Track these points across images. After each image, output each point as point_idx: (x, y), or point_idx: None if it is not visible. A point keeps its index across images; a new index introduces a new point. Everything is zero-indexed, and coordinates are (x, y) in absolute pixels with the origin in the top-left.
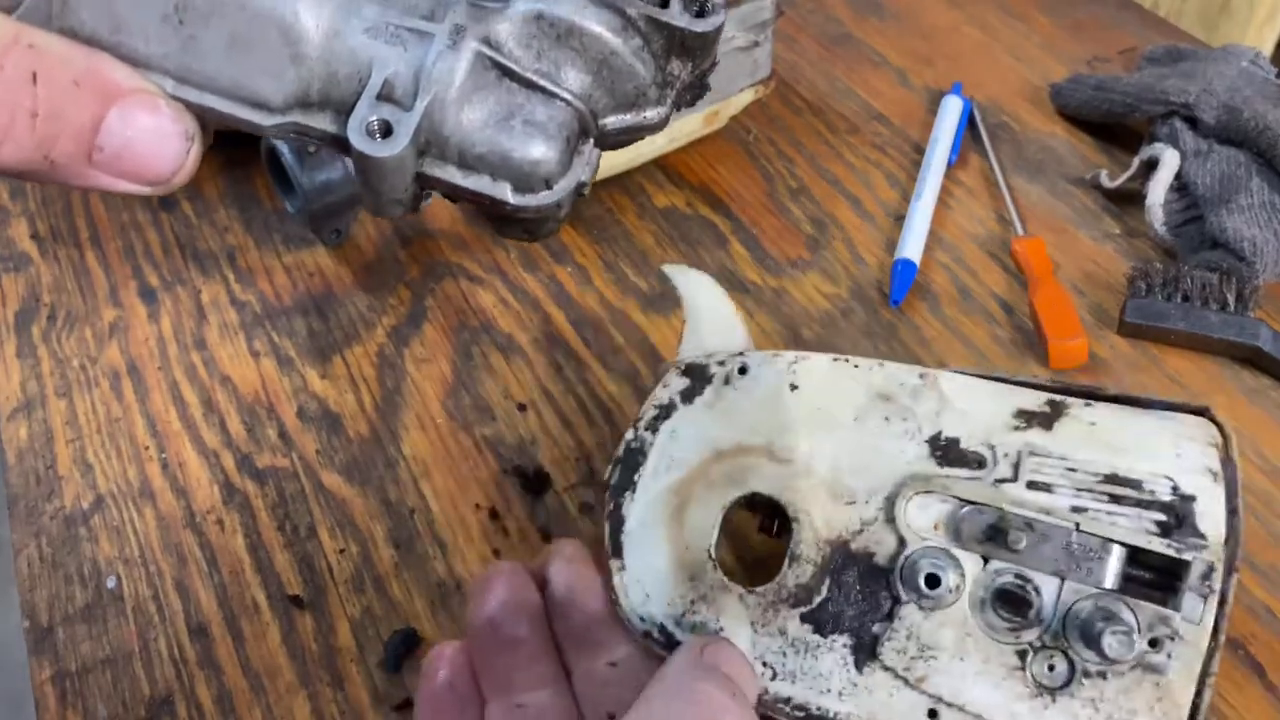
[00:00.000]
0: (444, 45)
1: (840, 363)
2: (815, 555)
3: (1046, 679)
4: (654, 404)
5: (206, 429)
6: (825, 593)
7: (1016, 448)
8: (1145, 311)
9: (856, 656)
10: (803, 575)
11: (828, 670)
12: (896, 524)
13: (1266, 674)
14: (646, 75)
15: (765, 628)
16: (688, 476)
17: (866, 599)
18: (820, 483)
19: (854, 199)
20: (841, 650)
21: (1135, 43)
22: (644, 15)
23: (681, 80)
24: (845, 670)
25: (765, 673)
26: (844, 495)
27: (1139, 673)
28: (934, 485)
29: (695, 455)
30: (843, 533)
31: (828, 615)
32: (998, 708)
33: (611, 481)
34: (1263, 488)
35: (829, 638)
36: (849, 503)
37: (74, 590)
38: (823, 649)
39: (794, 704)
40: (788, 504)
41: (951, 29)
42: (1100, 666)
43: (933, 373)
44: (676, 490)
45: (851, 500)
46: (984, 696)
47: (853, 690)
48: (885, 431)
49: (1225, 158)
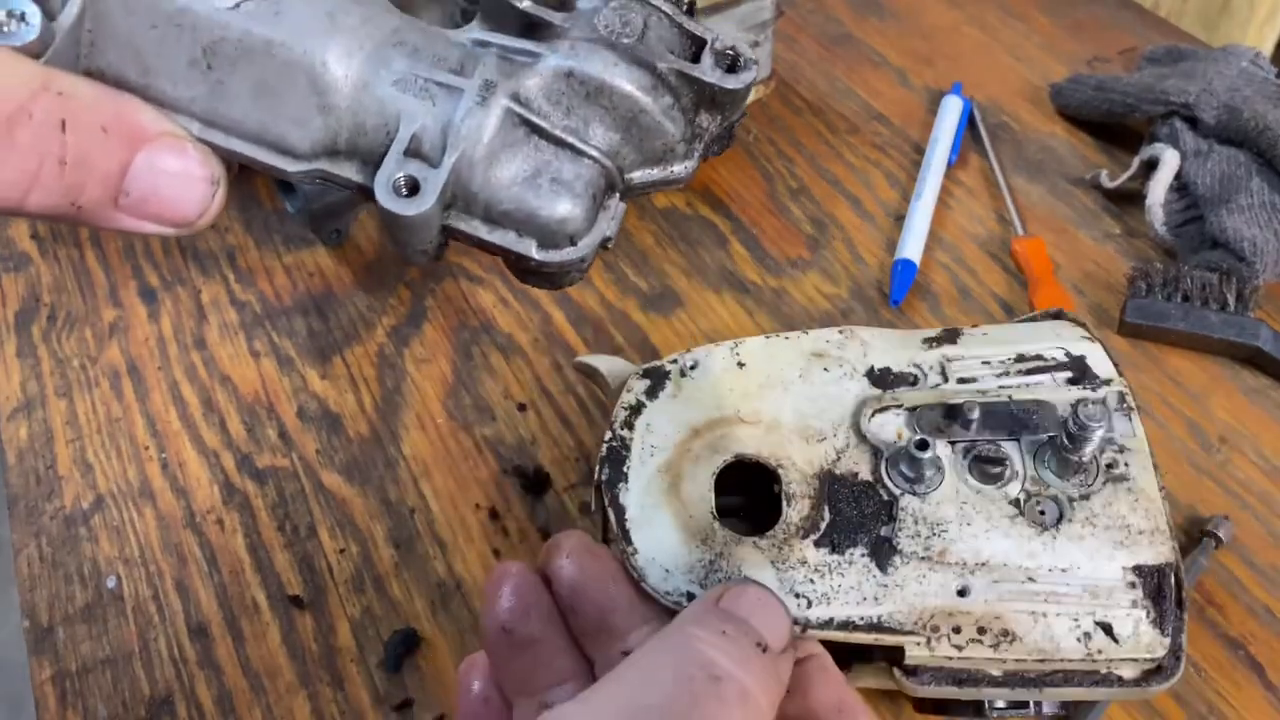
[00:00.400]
0: (473, 101)
1: (773, 338)
2: (808, 490)
3: (1042, 520)
4: (623, 406)
5: (206, 429)
6: (828, 517)
7: (937, 360)
8: (1145, 311)
9: (877, 560)
10: (803, 509)
11: (856, 582)
12: (868, 440)
13: (1266, 673)
14: (675, 132)
15: (785, 564)
16: (673, 456)
17: (866, 508)
18: (790, 431)
19: (854, 199)
20: (862, 561)
21: (1135, 43)
22: (674, 71)
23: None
24: (871, 576)
25: (801, 603)
26: (814, 435)
27: (1111, 487)
28: (885, 401)
29: (674, 437)
30: (824, 464)
31: (838, 535)
32: (1014, 551)
33: (603, 478)
34: (1263, 488)
35: (846, 553)
36: (820, 440)
37: (74, 590)
38: (844, 565)
39: (837, 623)
40: (769, 456)
41: (951, 29)
42: (1083, 491)
43: (849, 328)
44: (666, 470)
45: (822, 437)
46: (1000, 547)
47: (885, 591)
48: (828, 379)
49: (1225, 158)
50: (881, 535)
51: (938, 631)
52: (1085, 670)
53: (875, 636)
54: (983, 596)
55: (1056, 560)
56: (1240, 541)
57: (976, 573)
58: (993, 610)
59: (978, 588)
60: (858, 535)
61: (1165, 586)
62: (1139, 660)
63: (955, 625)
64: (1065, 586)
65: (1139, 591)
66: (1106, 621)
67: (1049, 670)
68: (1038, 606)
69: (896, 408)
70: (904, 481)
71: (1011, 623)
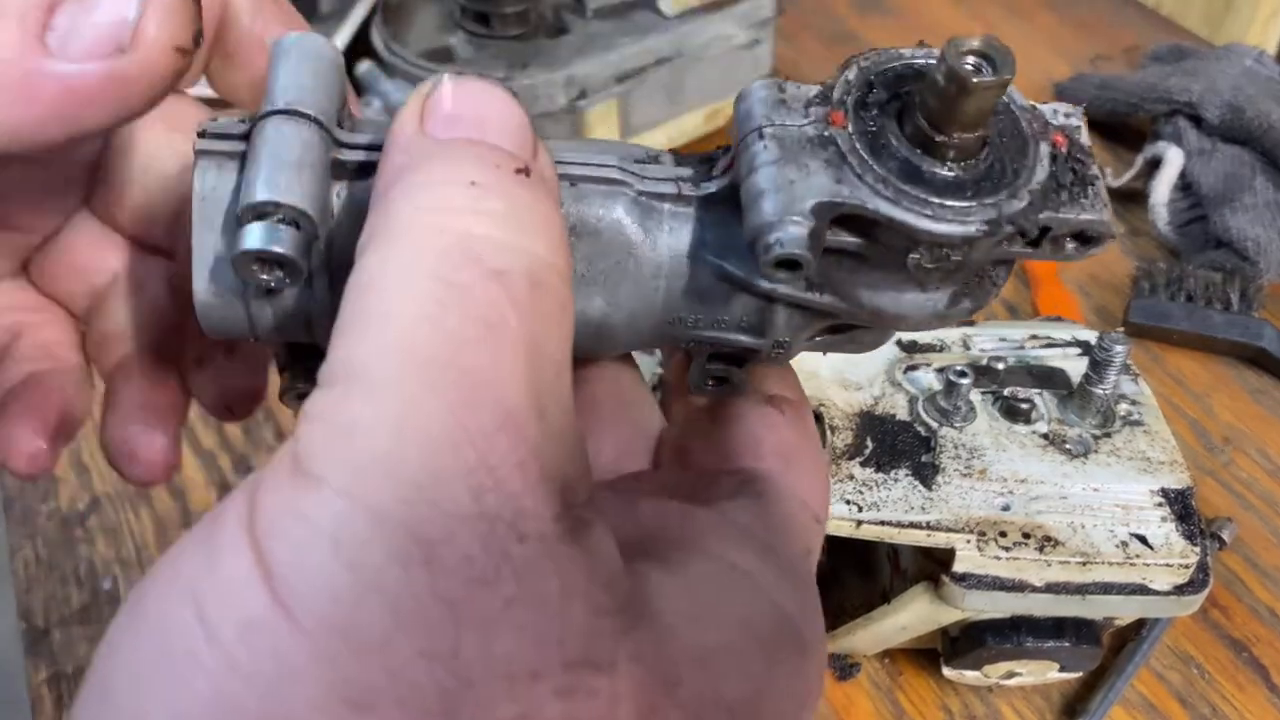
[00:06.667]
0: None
1: None
2: (849, 424)
3: (1070, 451)
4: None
5: (203, 430)
6: (871, 445)
7: (958, 335)
8: (1149, 311)
9: (921, 478)
10: (846, 438)
11: (902, 495)
12: (903, 387)
13: (1270, 675)
14: None
15: (835, 477)
16: None
17: (906, 442)
18: (828, 380)
19: None
20: (907, 479)
21: (1139, 41)
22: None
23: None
24: (917, 491)
25: (851, 508)
26: (851, 385)
27: (1128, 429)
28: (916, 360)
29: None
30: (862, 406)
31: (882, 457)
32: (1050, 473)
33: None
34: (1266, 488)
35: (891, 472)
36: (858, 388)
37: (70, 592)
38: (889, 482)
39: (887, 525)
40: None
41: (953, 27)
42: (1105, 431)
43: None
44: None
45: (859, 386)
46: (1035, 469)
47: (931, 503)
48: None
49: (1229, 157)
50: (923, 461)
51: (984, 537)
52: (1123, 581)
53: (928, 534)
54: (1023, 510)
55: (1089, 481)
56: (1244, 543)
57: (1016, 491)
58: (1034, 521)
59: (1018, 503)
60: (900, 460)
61: (1190, 506)
62: (1173, 567)
63: (1001, 531)
64: (1099, 501)
65: (1167, 509)
66: (1140, 533)
67: (1089, 580)
68: (1076, 518)
69: (926, 366)
70: (940, 416)
71: (1053, 531)
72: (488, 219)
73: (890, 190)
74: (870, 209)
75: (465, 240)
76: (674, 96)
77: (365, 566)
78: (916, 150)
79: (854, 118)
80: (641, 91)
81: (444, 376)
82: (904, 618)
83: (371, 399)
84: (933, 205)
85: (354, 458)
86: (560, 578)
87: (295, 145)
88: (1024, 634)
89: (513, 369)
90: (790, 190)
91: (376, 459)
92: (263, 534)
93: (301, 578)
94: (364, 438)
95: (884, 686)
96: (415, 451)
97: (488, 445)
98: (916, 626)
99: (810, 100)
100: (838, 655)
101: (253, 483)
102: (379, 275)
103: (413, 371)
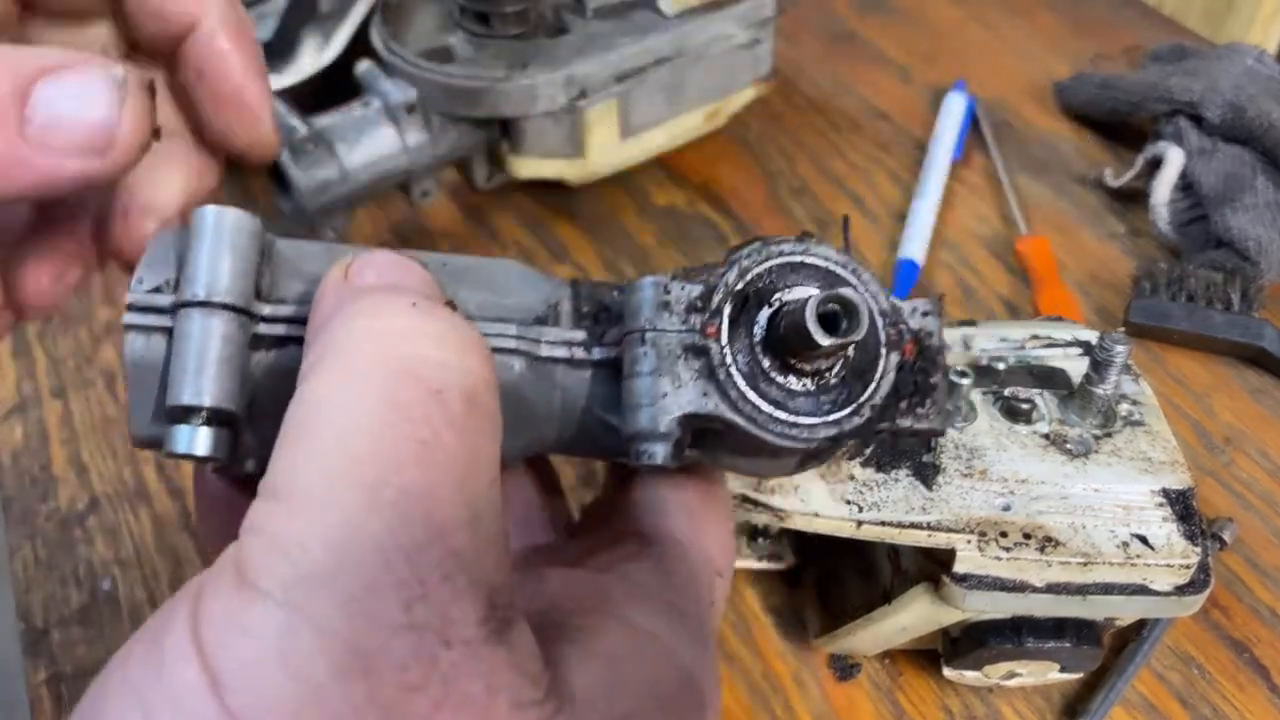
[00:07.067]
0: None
1: None
2: None
3: (1070, 451)
4: None
5: None
6: (871, 446)
7: (958, 336)
8: (1150, 311)
9: (922, 478)
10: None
11: (903, 495)
12: None
13: (1271, 676)
14: None
15: (835, 478)
16: None
17: (906, 442)
18: None
19: (856, 197)
20: (907, 479)
21: (1140, 40)
22: None
23: None
24: (918, 492)
25: (852, 509)
26: None
27: (1130, 429)
28: None
29: None
30: None
31: (882, 457)
32: (1050, 473)
33: None
34: (1266, 488)
35: (891, 473)
36: None
37: (69, 592)
38: (890, 482)
39: (888, 525)
40: None
41: (954, 26)
42: (1105, 431)
43: None
44: None
45: None
46: (1036, 469)
47: (932, 504)
48: None
49: (1230, 156)
50: (924, 461)
51: (985, 537)
52: (1124, 581)
53: (928, 534)
54: (1024, 510)
55: (1090, 481)
56: (1244, 543)
57: (1016, 491)
58: (1035, 521)
59: (1019, 503)
60: (900, 460)
61: (1191, 507)
62: (1174, 567)
63: (1001, 531)
64: (1100, 501)
65: (1168, 509)
66: (1141, 533)
67: (1090, 581)
68: (1077, 519)
69: None
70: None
71: (1054, 531)
72: (427, 339)
73: (748, 407)
74: (729, 419)
75: (407, 360)
76: (674, 96)
77: (308, 678)
78: (776, 364)
79: (726, 329)
80: (641, 91)
81: (380, 495)
82: (904, 618)
83: (312, 516)
84: (782, 423)
85: (295, 573)
86: (485, 678)
87: (215, 341)
88: (1025, 634)
89: (446, 485)
90: (662, 404)
91: (316, 574)
92: (208, 643)
93: (249, 688)
94: (304, 554)
95: (884, 687)
96: (352, 567)
97: (420, 559)
98: (917, 627)
99: (691, 304)
100: (838, 655)
101: (196, 588)
102: (324, 395)
103: (352, 490)
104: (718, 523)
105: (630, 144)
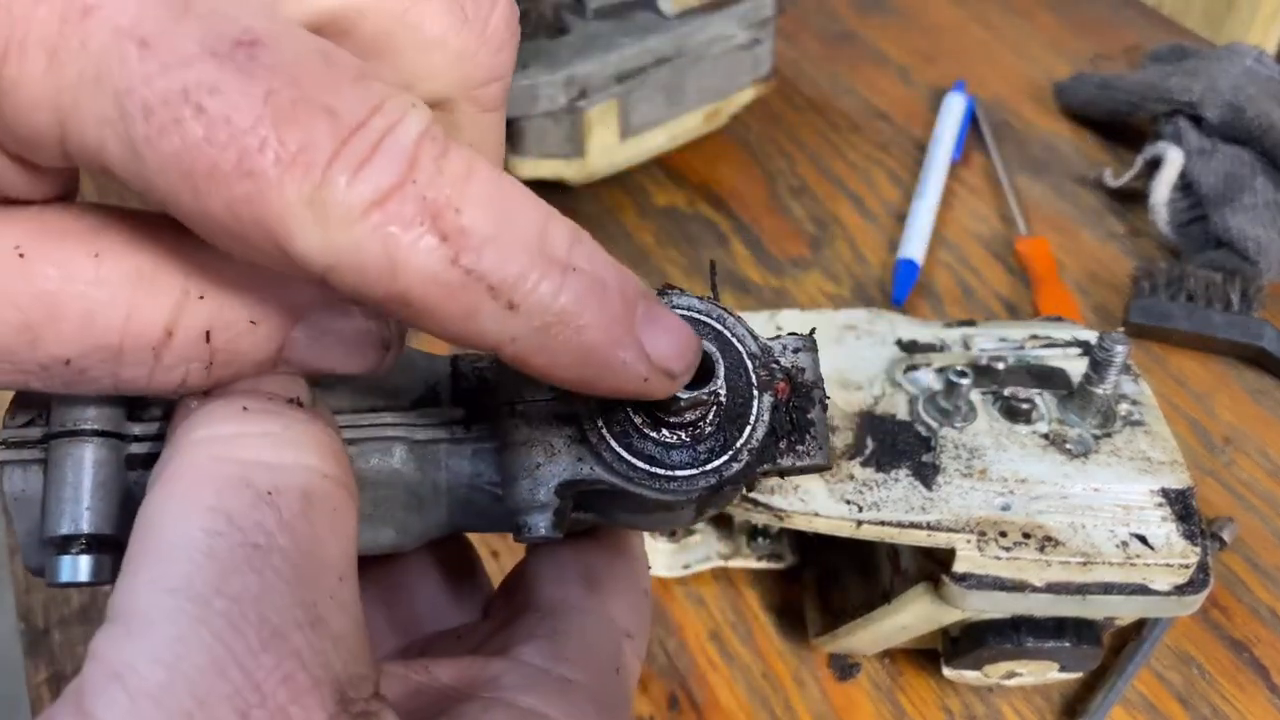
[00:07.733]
0: None
1: (808, 311)
2: (849, 424)
3: (1070, 451)
4: None
5: None
6: (871, 445)
7: (959, 336)
8: (1149, 311)
9: (921, 478)
10: (846, 438)
11: (902, 495)
12: (903, 388)
13: (1271, 676)
14: None
15: (835, 478)
16: None
17: (906, 442)
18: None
19: (856, 197)
20: (907, 479)
21: (1139, 40)
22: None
23: None
24: (917, 491)
25: (852, 509)
26: (852, 384)
27: (1129, 429)
28: (917, 360)
29: None
30: (862, 406)
31: (882, 458)
32: (1050, 473)
33: None
34: (1266, 488)
35: (891, 473)
36: (858, 388)
37: (70, 592)
38: (890, 482)
39: (888, 525)
40: None
41: (954, 26)
42: (1105, 431)
43: (876, 309)
44: None
45: (860, 386)
46: (1036, 469)
47: (932, 504)
48: (861, 344)
49: (1230, 156)
50: (923, 461)
51: (985, 537)
52: (1123, 581)
53: (928, 534)
54: (1024, 510)
55: (1089, 481)
56: (1244, 543)
57: (1016, 491)
58: (1034, 521)
59: (1018, 503)
60: (900, 460)
61: (1190, 507)
62: (1173, 567)
63: (1001, 531)
64: (1100, 501)
65: (1167, 509)
66: (1141, 533)
67: (1090, 580)
68: (1076, 518)
69: (927, 366)
70: (940, 416)
71: (1054, 531)
72: (256, 441)
73: (623, 467)
74: (608, 482)
75: (235, 466)
76: (674, 96)
77: None
78: (649, 420)
79: None
80: (641, 91)
81: (211, 606)
82: (904, 618)
83: (144, 637)
84: (660, 479)
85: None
86: None
87: (86, 468)
88: (1024, 634)
89: (280, 587)
90: (537, 475)
91: (149, 695)
92: None
93: None
94: (136, 677)
95: (884, 687)
96: (183, 683)
97: (254, 664)
98: (917, 626)
99: None
100: (837, 655)
101: None
102: (157, 512)
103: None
104: (625, 582)
105: (630, 144)
